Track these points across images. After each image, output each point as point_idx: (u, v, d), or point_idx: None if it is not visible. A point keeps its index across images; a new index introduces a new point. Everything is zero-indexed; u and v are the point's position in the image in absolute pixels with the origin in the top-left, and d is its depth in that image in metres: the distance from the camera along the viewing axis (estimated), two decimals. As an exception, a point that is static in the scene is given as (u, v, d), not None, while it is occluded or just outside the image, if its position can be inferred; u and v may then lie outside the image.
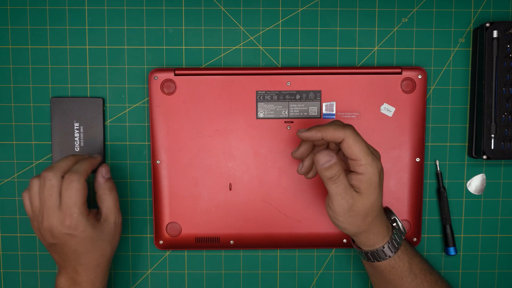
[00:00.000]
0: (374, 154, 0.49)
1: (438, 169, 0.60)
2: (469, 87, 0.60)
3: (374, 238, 0.51)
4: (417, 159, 0.59)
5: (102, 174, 0.54)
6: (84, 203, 0.51)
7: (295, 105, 0.58)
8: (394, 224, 0.53)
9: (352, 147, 0.47)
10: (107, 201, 0.53)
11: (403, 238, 0.53)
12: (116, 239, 0.54)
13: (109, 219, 0.53)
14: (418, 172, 0.59)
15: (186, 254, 0.61)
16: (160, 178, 0.58)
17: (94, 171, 0.55)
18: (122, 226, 0.61)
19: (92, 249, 0.52)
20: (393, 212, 0.54)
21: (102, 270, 0.54)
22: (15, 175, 0.60)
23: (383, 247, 0.51)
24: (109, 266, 0.55)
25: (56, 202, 0.50)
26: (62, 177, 0.51)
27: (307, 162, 0.52)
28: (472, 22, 0.59)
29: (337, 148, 0.51)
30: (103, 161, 0.59)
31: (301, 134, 0.49)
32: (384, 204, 0.59)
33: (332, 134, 0.47)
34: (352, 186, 0.48)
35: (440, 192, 0.60)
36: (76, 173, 0.51)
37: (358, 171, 0.48)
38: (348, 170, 0.49)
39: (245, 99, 0.58)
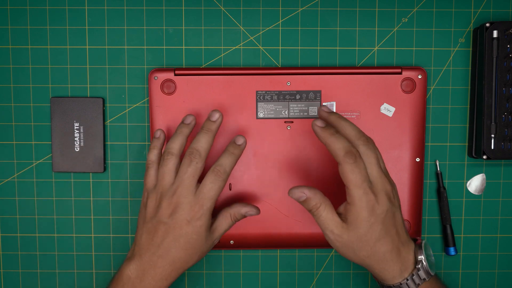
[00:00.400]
0: (377, 187, 0.47)
1: (438, 169, 0.60)
2: (469, 87, 0.60)
3: (382, 275, 0.49)
4: (417, 159, 0.59)
5: (248, 211, 0.53)
6: (216, 200, 0.51)
7: (295, 105, 0.58)
8: (419, 265, 0.49)
9: (345, 175, 0.47)
10: (226, 222, 0.53)
11: (428, 279, 0.49)
12: (204, 255, 0.53)
13: (216, 233, 0.52)
14: (418, 172, 0.59)
15: (186, 254, 0.61)
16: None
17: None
18: (122, 228, 0.61)
19: (189, 248, 0.50)
20: (423, 250, 0.49)
21: (172, 277, 0.51)
22: (15, 175, 0.60)
23: (395, 285, 0.49)
24: (175, 279, 0.52)
25: (195, 185, 0.50)
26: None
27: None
28: (472, 22, 0.59)
29: None
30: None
31: (316, 128, 0.49)
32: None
33: (333, 150, 0.47)
34: (340, 214, 0.49)
35: (440, 192, 0.60)
36: (225, 172, 0.51)
37: (347, 200, 0.48)
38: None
39: (245, 99, 0.58)
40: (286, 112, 0.58)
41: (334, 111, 0.58)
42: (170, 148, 0.51)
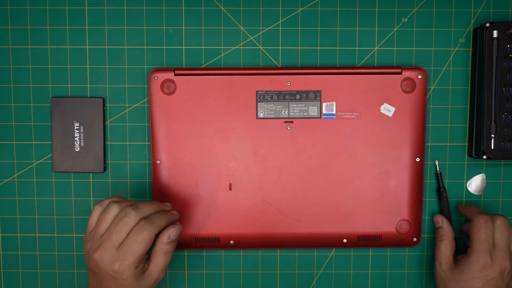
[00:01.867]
0: (496, 254, 0.53)
1: (438, 169, 0.60)
2: (469, 87, 0.60)
3: None
4: (417, 159, 0.59)
5: (170, 235, 0.51)
6: (142, 255, 0.49)
7: (295, 105, 0.58)
8: None
9: (473, 229, 0.54)
10: (160, 260, 0.51)
11: None
12: None
13: (153, 275, 0.51)
14: (418, 172, 0.59)
15: (186, 254, 0.61)
16: (160, 178, 0.58)
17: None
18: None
19: None
20: None
21: None
22: (15, 175, 0.60)
23: None
24: None
25: (120, 240, 0.49)
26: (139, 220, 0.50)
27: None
28: (472, 22, 0.59)
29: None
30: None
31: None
32: (384, 204, 0.59)
33: (470, 211, 0.57)
34: (456, 258, 0.56)
35: (440, 192, 0.60)
36: (151, 224, 0.49)
37: (467, 251, 0.55)
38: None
39: (245, 99, 0.58)
40: (286, 112, 0.58)
41: (334, 111, 0.58)
42: (122, 201, 0.51)
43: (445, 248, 0.57)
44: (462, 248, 0.62)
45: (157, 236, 0.51)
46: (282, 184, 0.59)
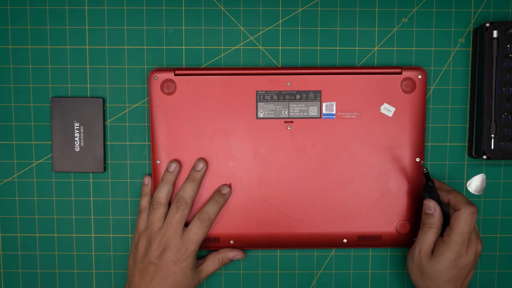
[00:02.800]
0: (471, 242, 0.54)
1: (424, 168, 0.55)
2: (469, 87, 0.60)
3: None
4: (417, 159, 0.59)
5: (236, 256, 0.59)
6: (200, 244, 0.56)
7: (295, 105, 0.58)
8: None
9: (458, 219, 0.53)
10: (214, 265, 0.58)
11: None
12: None
13: (202, 274, 0.57)
14: (418, 172, 0.59)
15: (186, 254, 0.61)
16: (160, 178, 0.58)
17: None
18: (122, 228, 0.61)
19: (176, 286, 0.54)
20: None
21: None
22: (15, 175, 0.60)
23: None
24: None
25: (181, 229, 0.55)
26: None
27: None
28: (472, 22, 0.59)
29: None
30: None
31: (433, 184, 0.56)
32: (384, 204, 0.59)
33: (456, 198, 0.54)
34: (434, 249, 0.55)
35: (429, 186, 0.55)
36: (209, 219, 0.56)
37: (444, 238, 0.54)
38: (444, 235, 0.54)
39: (245, 99, 0.58)
40: (286, 112, 0.58)
41: (334, 111, 0.58)
42: (158, 198, 0.56)
43: (431, 237, 0.54)
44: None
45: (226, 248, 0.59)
46: (282, 184, 0.59)
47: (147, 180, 0.58)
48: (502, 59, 0.56)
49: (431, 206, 0.55)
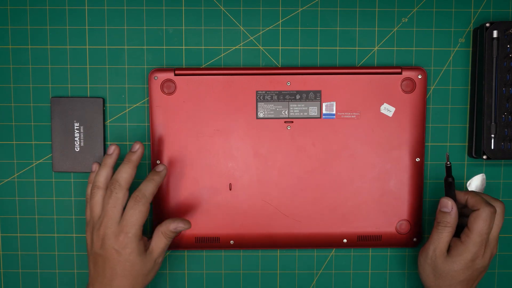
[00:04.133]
0: (489, 245, 0.53)
1: (448, 161, 0.55)
2: (469, 87, 0.60)
3: None
4: (417, 159, 0.59)
5: (177, 227, 0.54)
6: (141, 226, 0.52)
7: (295, 105, 0.58)
8: None
9: (477, 219, 0.52)
10: (161, 241, 0.54)
11: None
12: (150, 276, 0.54)
13: (154, 254, 0.54)
14: (418, 172, 0.59)
15: (186, 254, 0.61)
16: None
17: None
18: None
19: (127, 274, 0.52)
20: None
21: None
22: (15, 175, 0.60)
23: None
24: None
25: (118, 215, 0.52)
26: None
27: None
28: (472, 22, 0.59)
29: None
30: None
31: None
32: (384, 204, 0.59)
33: (474, 198, 0.53)
34: (449, 249, 0.54)
35: (448, 182, 0.55)
36: (144, 197, 0.52)
37: (461, 238, 0.53)
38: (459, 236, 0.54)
39: (245, 99, 0.58)
40: (286, 112, 0.58)
41: (334, 111, 0.58)
42: (96, 182, 0.53)
43: (447, 236, 0.53)
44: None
45: (166, 220, 0.54)
46: (282, 184, 0.59)
47: (95, 167, 0.55)
48: (502, 59, 0.56)
49: (449, 205, 0.53)
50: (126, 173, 0.53)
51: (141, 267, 0.52)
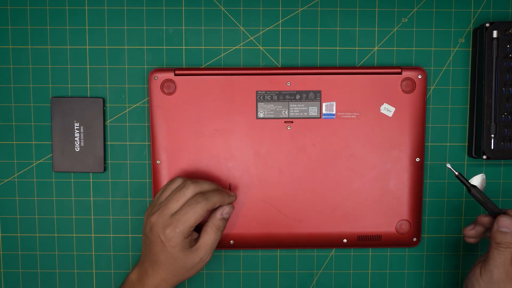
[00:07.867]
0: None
1: (455, 171, 0.53)
2: (469, 87, 0.60)
3: None
4: (417, 159, 0.59)
5: (223, 211, 0.54)
6: (192, 226, 0.52)
7: (295, 105, 0.58)
8: None
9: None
10: (209, 237, 0.53)
11: None
12: (193, 271, 0.54)
13: (200, 252, 0.53)
14: (418, 172, 0.59)
15: (186, 254, 0.61)
16: (160, 178, 0.58)
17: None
18: (122, 228, 0.61)
19: (169, 264, 0.52)
20: None
21: (163, 287, 0.54)
22: (15, 175, 0.60)
23: None
24: None
25: (175, 209, 0.52)
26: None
27: (479, 229, 0.54)
28: (472, 22, 0.59)
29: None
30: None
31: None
32: (384, 204, 0.59)
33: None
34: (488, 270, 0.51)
35: (472, 193, 0.53)
36: (205, 200, 0.52)
37: (488, 261, 0.51)
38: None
39: (245, 99, 0.58)
40: (286, 112, 0.58)
41: (334, 111, 0.58)
42: (193, 181, 0.53)
43: (510, 256, 0.51)
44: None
45: (211, 213, 0.54)
46: (282, 184, 0.59)
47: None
48: (502, 59, 0.56)
49: (509, 225, 0.51)
50: (209, 186, 0.54)
51: (183, 262, 0.52)
